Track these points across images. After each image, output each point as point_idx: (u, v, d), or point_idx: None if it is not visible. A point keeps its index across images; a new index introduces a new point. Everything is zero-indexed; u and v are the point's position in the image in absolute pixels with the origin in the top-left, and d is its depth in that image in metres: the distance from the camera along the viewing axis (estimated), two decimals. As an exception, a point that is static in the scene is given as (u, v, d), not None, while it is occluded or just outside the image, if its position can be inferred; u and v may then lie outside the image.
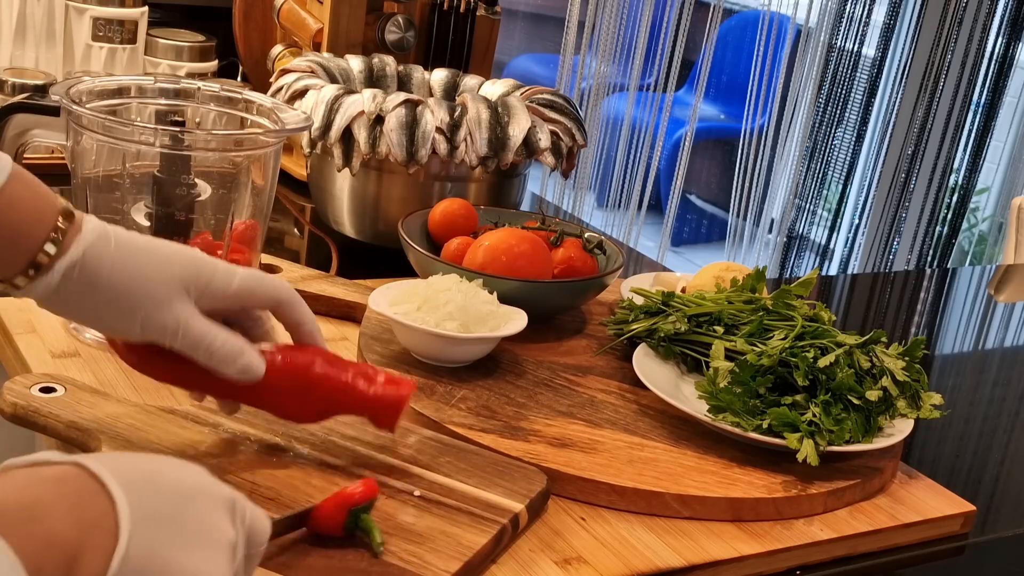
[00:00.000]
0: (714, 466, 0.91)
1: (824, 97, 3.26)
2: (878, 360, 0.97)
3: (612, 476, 0.87)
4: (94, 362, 0.96)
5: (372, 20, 1.59)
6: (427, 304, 0.99)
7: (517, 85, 1.43)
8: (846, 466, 0.93)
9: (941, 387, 1.32)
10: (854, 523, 0.90)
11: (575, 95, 2.91)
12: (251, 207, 1.01)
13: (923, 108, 3.37)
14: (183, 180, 0.96)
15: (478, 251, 1.10)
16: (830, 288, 1.73)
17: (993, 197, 4.04)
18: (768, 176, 3.28)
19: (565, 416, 0.95)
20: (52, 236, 0.71)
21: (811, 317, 1.02)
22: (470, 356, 1.01)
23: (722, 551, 0.83)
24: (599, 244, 1.20)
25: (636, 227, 3.16)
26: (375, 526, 0.73)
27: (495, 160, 1.26)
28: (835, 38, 3.21)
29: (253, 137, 1.01)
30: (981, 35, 3.35)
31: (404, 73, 1.47)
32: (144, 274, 0.73)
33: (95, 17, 1.64)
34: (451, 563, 0.72)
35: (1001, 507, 1.05)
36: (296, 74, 1.34)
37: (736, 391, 0.93)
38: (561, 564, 0.78)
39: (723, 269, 1.17)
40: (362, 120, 1.24)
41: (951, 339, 1.58)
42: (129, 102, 1.01)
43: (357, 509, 0.73)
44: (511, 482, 0.82)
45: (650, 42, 3.01)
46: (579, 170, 2.96)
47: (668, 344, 1.04)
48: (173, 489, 0.55)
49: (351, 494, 0.73)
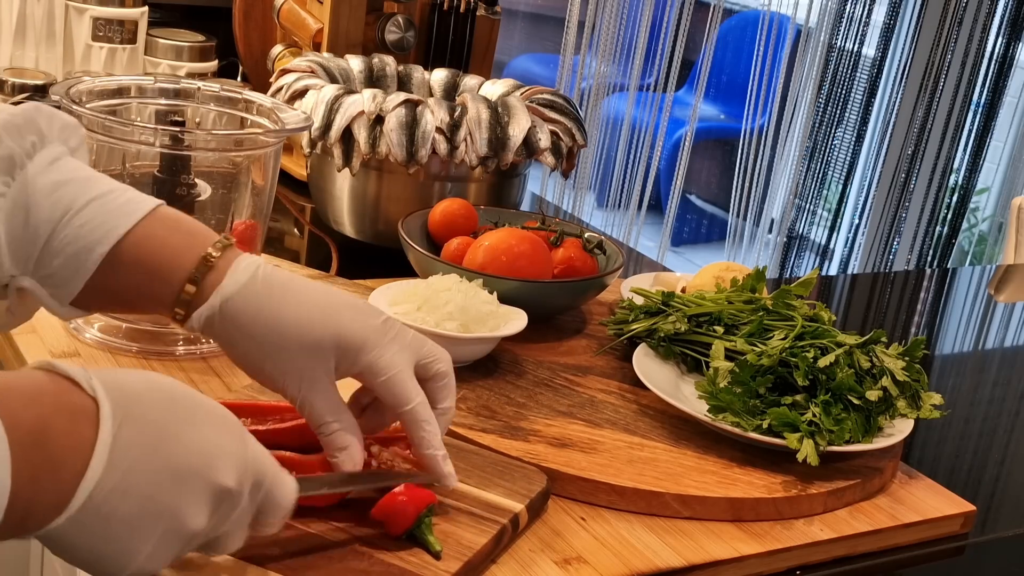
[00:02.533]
0: (714, 466, 0.90)
1: (824, 97, 3.26)
2: (878, 360, 0.97)
3: (612, 476, 0.87)
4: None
5: (372, 20, 1.59)
6: (427, 304, 1.00)
7: (517, 85, 1.43)
8: (846, 466, 0.93)
9: (941, 387, 1.32)
10: (854, 523, 0.90)
11: (575, 95, 2.90)
12: (251, 207, 1.01)
13: (923, 108, 3.37)
14: (183, 180, 0.96)
15: (478, 251, 1.10)
16: (830, 288, 1.73)
17: (993, 197, 4.04)
18: (768, 176, 3.28)
19: (565, 416, 0.95)
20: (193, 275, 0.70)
21: (811, 317, 1.02)
22: (470, 356, 1.01)
23: (722, 551, 0.83)
24: (599, 244, 1.20)
25: (636, 227, 3.16)
26: (432, 533, 0.73)
27: (495, 160, 1.26)
28: (835, 38, 3.21)
29: (253, 137, 1.01)
30: (981, 35, 3.35)
31: (404, 73, 1.47)
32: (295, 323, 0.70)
33: (95, 17, 1.64)
34: (451, 563, 0.72)
35: (1001, 507, 1.05)
36: (296, 74, 1.34)
37: (736, 391, 0.93)
38: (561, 564, 0.78)
39: (723, 269, 1.17)
40: (362, 120, 1.24)
41: (951, 339, 1.58)
42: (129, 102, 1.01)
43: (423, 514, 0.73)
44: (511, 482, 0.82)
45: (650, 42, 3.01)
46: (579, 170, 2.96)
47: (668, 344, 1.04)
48: (163, 466, 0.57)
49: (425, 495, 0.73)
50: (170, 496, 0.57)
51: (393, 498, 0.73)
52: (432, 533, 0.73)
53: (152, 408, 0.58)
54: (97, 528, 0.55)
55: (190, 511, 0.58)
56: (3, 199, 0.68)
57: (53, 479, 0.54)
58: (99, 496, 0.55)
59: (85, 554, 0.56)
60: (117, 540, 0.56)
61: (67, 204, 0.69)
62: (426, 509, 0.73)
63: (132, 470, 0.56)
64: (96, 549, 0.56)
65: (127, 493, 0.56)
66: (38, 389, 0.55)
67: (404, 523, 0.73)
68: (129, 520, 0.56)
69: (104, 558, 0.56)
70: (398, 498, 0.73)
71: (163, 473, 0.57)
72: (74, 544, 0.56)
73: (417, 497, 0.73)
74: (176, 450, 0.58)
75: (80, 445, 0.55)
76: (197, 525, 0.58)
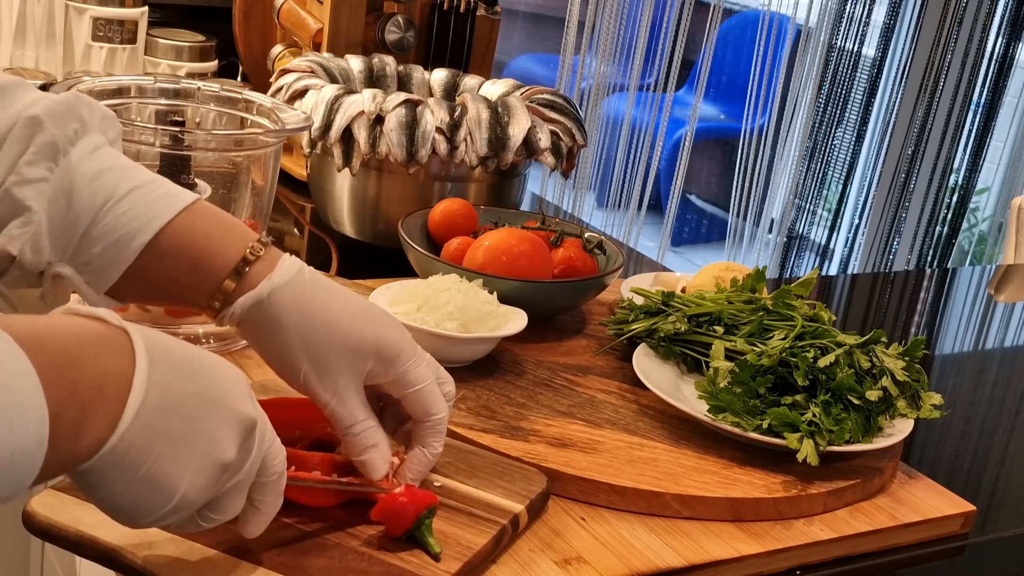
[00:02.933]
0: (714, 466, 0.91)
1: (824, 97, 3.26)
2: (878, 360, 0.97)
3: (612, 476, 0.87)
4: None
5: (372, 20, 1.59)
6: (427, 304, 1.00)
7: (517, 85, 1.43)
8: (846, 466, 0.93)
9: (941, 387, 1.32)
10: (854, 523, 0.90)
11: (575, 95, 2.90)
12: (251, 207, 1.01)
13: (923, 108, 3.37)
14: (183, 180, 0.96)
15: (478, 251, 1.10)
16: (830, 288, 1.73)
17: (993, 197, 4.04)
18: (768, 176, 3.28)
19: (565, 416, 0.95)
20: (238, 266, 0.70)
21: (811, 317, 1.02)
22: (470, 356, 1.01)
23: (722, 551, 0.83)
24: (599, 244, 1.20)
25: (636, 227, 3.16)
26: (433, 534, 0.73)
27: (495, 160, 1.26)
28: (835, 38, 3.21)
29: (253, 137, 1.01)
30: (981, 35, 3.35)
31: (404, 73, 1.47)
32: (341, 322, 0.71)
33: (95, 17, 1.64)
34: (451, 563, 0.72)
35: (1001, 507, 1.05)
36: (296, 74, 1.34)
37: (736, 391, 0.93)
38: (561, 564, 0.78)
39: (723, 269, 1.17)
40: (362, 120, 1.24)
41: (951, 339, 1.58)
42: (129, 102, 1.01)
43: (423, 515, 0.73)
44: (511, 483, 0.82)
45: (650, 42, 3.01)
46: (579, 170, 2.96)
47: (668, 344, 1.04)
48: (197, 391, 0.58)
49: (426, 497, 0.73)
50: (206, 419, 0.58)
51: (393, 499, 0.73)
52: (432, 534, 0.73)
53: (172, 342, 0.59)
54: (146, 448, 0.55)
55: (222, 436, 0.59)
56: (46, 184, 0.69)
57: (98, 397, 0.54)
58: (146, 413, 0.55)
59: (136, 483, 0.56)
60: (165, 461, 0.56)
61: (108, 192, 0.70)
62: (426, 511, 0.73)
63: (172, 391, 0.57)
64: (146, 473, 0.56)
65: (172, 411, 0.56)
66: (61, 322, 0.55)
67: (404, 524, 0.73)
68: (175, 439, 0.57)
69: (153, 483, 0.56)
70: (398, 499, 0.73)
71: (200, 396, 0.58)
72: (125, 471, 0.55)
73: (418, 499, 0.73)
74: (206, 376, 0.59)
75: (118, 366, 0.55)
76: (229, 455, 0.59)
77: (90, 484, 0.56)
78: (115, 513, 0.58)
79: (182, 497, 0.58)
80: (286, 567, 0.70)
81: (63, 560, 1.07)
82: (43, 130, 0.68)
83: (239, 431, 0.60)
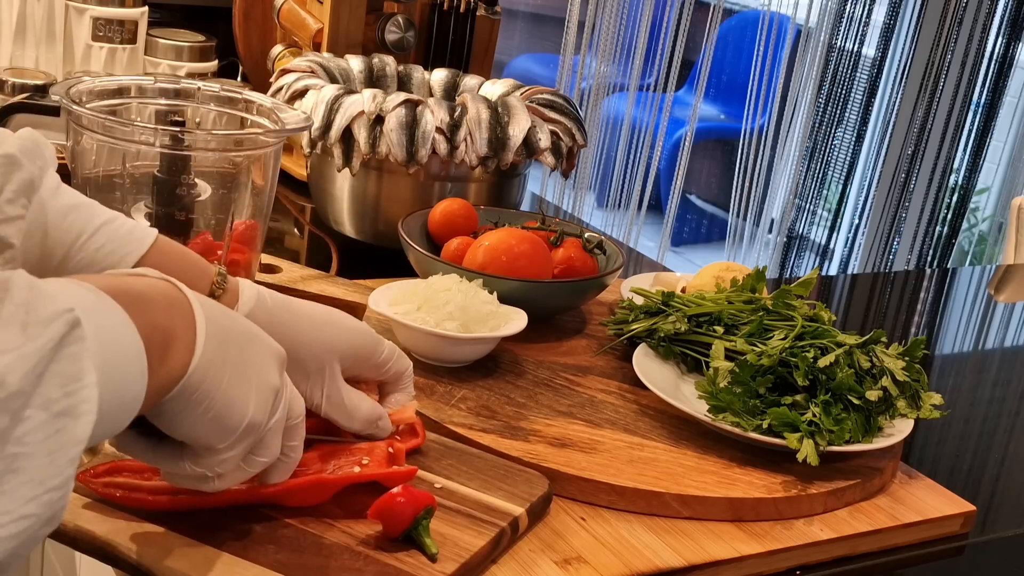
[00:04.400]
0: (714, 466, 0.90)
1: (824, 97, 3.26)
2: (878, 360, 0.97)
3: (612, 476, 0.87)
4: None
5: (372, 20, 1.59)
6: (427, 304, 0.99)
7: (517, 85, 1.43)
8: (846, 466, 0.93)
9: (941, 387, 1.32)
10: (854, 523, 0.90)
11: (575, 95, 2.90)
12: (251, 207, 1.01)
13: (923, 108, 3.37)
14: (183, 180, 0.96)
15: (478, 251, 1.10)
16: (830, 288, 1.73)
17: (993, 197, 4.04)
18: (768, 176, 3.28)
19: (565, 416, 0.95)
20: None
21: (811, 317, 1.02)
22: (470, 356, 1.01)
23: (722, 551, 0.83)
24: (599, 244, 1.20)
25: (636, 227, 3.16)
26: (430, 535, 0.74)
27: (495, 160, 1.26)
28: (835, 38, 3.21)
29: (253, 137, 1.01)
30: (981, 35, 3.35)
31: (404, 73, 1.47)
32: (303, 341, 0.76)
33: (95, 17, 1.64)
34: (447, 564, 0.72)
35: (1001, 507, 1.05)
36: (296, 74, 1.34)
37: (736, 391, 0.93)
38: (561, 564, 0.78)
39: (723, 269, 1.17)
40: (362, 120, 1.24)
41: (951, 339, 1.58)
42: (129, 102, 1.01)
43: (420, 516, 0.73)
44: (513, 486, 0.82)
45: (650, 42, 3.01)
46: (579, 170, 2.96)
47: (668, 344, 1.04)
48: (241, 329, 0.67)
49: (423, 498, 0.74)
50: (252, 350, 0.66)
51: (391, 500, 0.73)
52: (429, 535, 0.73)
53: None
54: (217, 373, 0.62)
55: (267, 365, 0.66)
56: (23, 221, 0.71)
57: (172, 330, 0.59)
58: (211, 342, 0.62)
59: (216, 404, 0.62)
60: (233, 384, 0.63)
61: (80, 228, 0.74)
62: (424, 511, 0.73)
63: (223, 327, 0.64)
64: (223, 394, 0.62)
65: (229, 342, 0.64)
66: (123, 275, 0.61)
67: (401, 524, 0.73)
68: (237, 364, 0.64)
69: (230, 404, 0.63)
70: (396, 500, 0.73)
71: (243, 332, 0.66)
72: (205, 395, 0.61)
73: (415, 499, 0.73)
74: (237, 318, 0.67)
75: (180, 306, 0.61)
76: (276, 381, 0.67)
77: (175, 413, 0.62)
78: (197, 441, 0.64)
79: (251, 420, 0.64)
80: (282, 565, 0.70)
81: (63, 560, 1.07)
82: (20, 168, 0.70)
83: (276, 361, 0.68)
